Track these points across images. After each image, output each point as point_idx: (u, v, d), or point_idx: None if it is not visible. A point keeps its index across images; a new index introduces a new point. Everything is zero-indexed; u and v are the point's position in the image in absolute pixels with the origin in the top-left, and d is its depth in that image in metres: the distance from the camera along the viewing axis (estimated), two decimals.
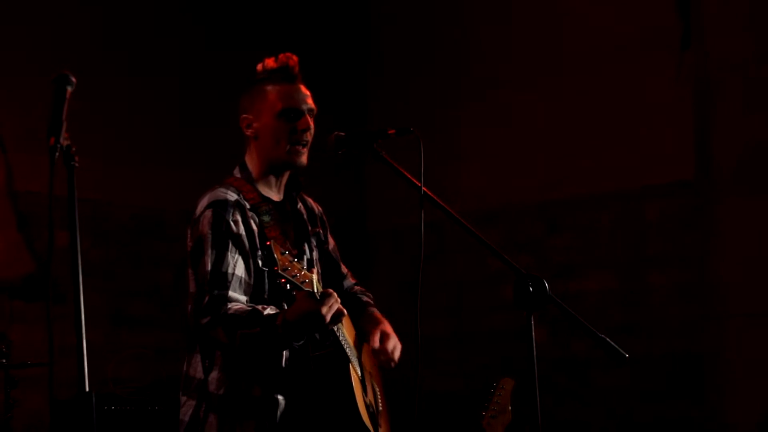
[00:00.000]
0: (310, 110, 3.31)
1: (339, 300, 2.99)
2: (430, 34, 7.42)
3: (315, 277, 2.95)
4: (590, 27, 6.57)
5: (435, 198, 3.07)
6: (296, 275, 2.89)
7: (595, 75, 6.50)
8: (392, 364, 3.41)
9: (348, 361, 3.21)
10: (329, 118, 3.41)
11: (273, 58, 3.34)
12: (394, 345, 3.42)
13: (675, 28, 6.14)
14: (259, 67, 3.37)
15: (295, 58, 3.34)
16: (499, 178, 6.90)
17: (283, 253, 2.88)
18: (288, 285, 2.89)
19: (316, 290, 2.93)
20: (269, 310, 3.04)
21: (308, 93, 3.33)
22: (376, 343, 3.38)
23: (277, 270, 2.85)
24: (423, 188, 3.06)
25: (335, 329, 3.10)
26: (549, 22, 6.79)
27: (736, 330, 5.69)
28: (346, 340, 3.25)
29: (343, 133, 3.20)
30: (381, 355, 3.38)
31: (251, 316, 3.02)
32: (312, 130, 3.32)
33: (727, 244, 5.76)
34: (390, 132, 3.15)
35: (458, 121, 7.13)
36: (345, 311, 3.01)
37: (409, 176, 3.10)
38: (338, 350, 3.18)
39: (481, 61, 7.09)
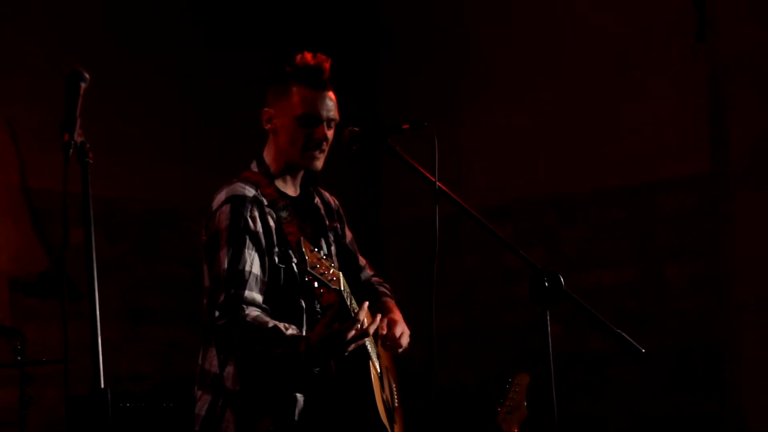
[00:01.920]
0: (330, 119, 3.28)
1: (365, 322, 2.98)
2: (441, 24, 7.41)
3: (341, 275, 2.94)
4: (602, 20, 6.54)
5: (449, 193, 3.06)
6: (324, 273, 2.88)
7: (608, 67, 6.48)
8: (399, 350, 3.40)
9: (369, 357, 3.20)
10: (340, 109, 3.39)
11: (311, 55, 3.29)
12: (402, 331, 3.40)
13: (690, 20, 6.11)
14: (298, 58, 3.30)
15: (328, 63, 3.29)
16: (512, 171, 6.88)
17: (312, 251, 2.87)
18: (316, 282, 2.88)
19: (343, 288, 2.92)
20: (291, 331, 3.02)
21: (334, 101, 3.30)
22: (384, 329, 3.36)
23: (305, 267, 2.84)
24: (438, 183, 3.05)
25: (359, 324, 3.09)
26: (559, 17, 6.77)
27: (752, 322, 5.67)
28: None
29: (357, 129, 3.19)
30: (387, 341, 3.37)
31: (272, 334, 2.99)
32: (330, 140, 3.29)
33: (743, 236, 5.75)
34: (404, 127, 3.13)
35: (469, 115, 7.12)
36: (369, 334, 3.00)
37: (423, 171, 3.09)
38: (360, 346, 3.17)
39: (495, 51, 7.07)
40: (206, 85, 6.69)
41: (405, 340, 3.40)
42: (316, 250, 2.89)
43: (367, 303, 3.00)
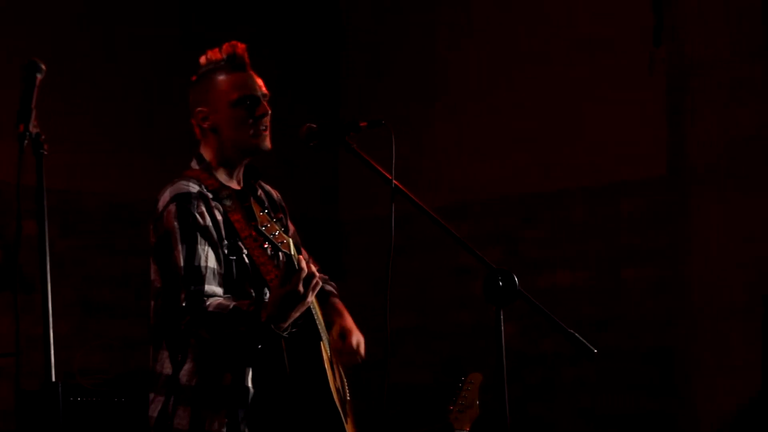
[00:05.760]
0: (264, 95, 3.28)
1: (313, 271, 2.95)
2: (401, 25, 7.43)
3: (291, 241, 2.91)
4: (565, 23, 6.59)
5: (405, 191, 3.06)
6: (275, 234, 2.86)
7: (569, 70, 6.52)
8: (359, 360, 3.40)
9: (320, 338, 3.19)
10: (302, 107, 3.40)
11: (216, 49, 3.30)
12: (357, 340, 3.39)
13: (649, 25, 6.17)
14: (203, 59, 3.32)
15: (241, 45, 3.30)
16: (471, 171, 6.91)
17: (262, 212, 2.85)
18: (266, 243, 2.86)
19: (293, 254, 2.89)
20: (249, 305, 3.01)
21: (260, 79, 3.30)
22: (338, 343, 3.35)
23: (256, 224, 2.82)
24: (394, 181, 3.06)
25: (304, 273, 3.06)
26: (523, 17, 6.80)
27: (708, 325, 5.72)
28: (318, 317, 3.23)
29: (315, 125, 3.18)
30: (345, 355, 3.37)
31: (233, 315, 2.98)
32: (270, 114, 3.28)
33: (700, 240, 5.80)
34: (362, 124, 3.13)
35: (431, 114, 7.14)
36: (316, 274, 2.96)
37: (380, 169, 3.09)
38: (310, 325, 3.15)
39: (455, 53, 7.10)
40: (168, 78, 6.64)
41: (362, 349, 3.40)
42: (266, 212, 2.87)
43: (301, 256, 2.96)
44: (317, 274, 2.97)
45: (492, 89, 6.86)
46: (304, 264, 2.91)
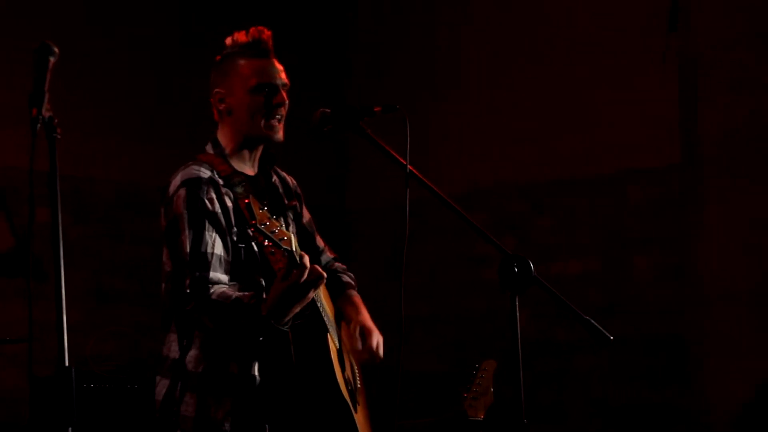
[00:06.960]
0: (284, 85, 3.28)
1: (315, 267, 2.92)
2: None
3: (293, 237, 2.88)
4: (574, 9, 6.55)
5: (420, 176, 3.05)
6: (275, 231, 2.83)
7: (580, 57, 6.49)
8: (378, 360, 3.38)
9: (326, 330, 3.18)
10: (309, 93, 3.38)
11: (243, 32, 3.29)
12: (377, 341, 3.38)
13: (661, 11, 6.13)
14: (229, 41, 3.32)
15: (267, 32, 3.29)
16: (481, 160, 6.88)
17: (261, 209, 2.82)
18: (266, 241, 2.82)
19: (295, 249, 2.87)
20: (251, 299, 2.99)
21: (281, 67, 3.30)
22: (357, 344, 3.34)
23: (255, 223, 2.79)
24: (408, 166, 3.04)
25: (314, 297, 3.05)
26: (532, 4, 6.78)
27: (718, 313, 5.71)
28: (324, 309, 3.21)
29: (328, 110, 3.16)
30: (364, 354, 3.35)
31: (234, 306, 2.98)
32: (287, 105, 3.28)
33: (710, 228, 5.77)
34: (376, 109, 3.12)
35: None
36: (322, 271, 2.94)
37: (394, 154, 3.08)
38: (316, 317, 3.14)
39: (465, 39, 7.07)
40: (178, 66, 6.63)
41: (381, 350, 3.38)
42: (265, 209, 2.84)
43: (307, 256, 2.93)
44: (320, 269, 2.94)
45: (501, 77, 6.82)
46: (306, 261, 2.89)
